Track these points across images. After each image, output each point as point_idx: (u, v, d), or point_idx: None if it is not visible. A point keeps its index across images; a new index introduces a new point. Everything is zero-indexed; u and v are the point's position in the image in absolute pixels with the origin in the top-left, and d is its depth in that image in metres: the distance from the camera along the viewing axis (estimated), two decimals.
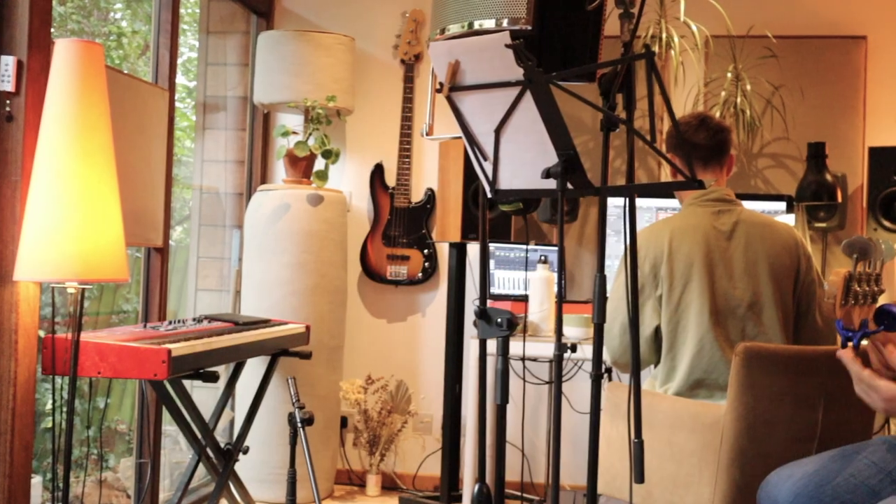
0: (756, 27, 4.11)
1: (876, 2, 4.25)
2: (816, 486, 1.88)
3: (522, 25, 1.84)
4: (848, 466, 1.90)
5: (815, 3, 4.27)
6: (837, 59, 4.24)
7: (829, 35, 4.23)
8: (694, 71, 4.15)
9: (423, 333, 4.45)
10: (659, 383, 2.73)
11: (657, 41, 3.94)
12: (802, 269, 2.72)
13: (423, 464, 4.39)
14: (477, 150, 1.91)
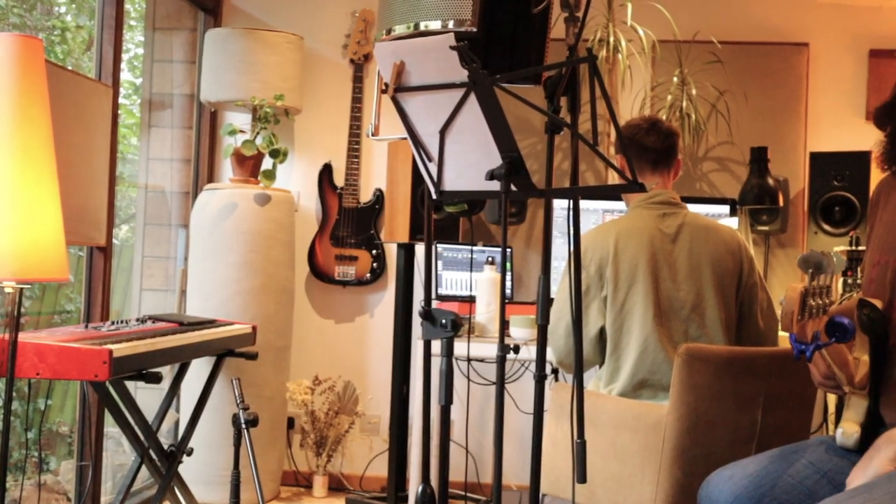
0: (701, 32, 4.17)
1: (818, 10, 4.34)
2: (756, 487, 1.90)
3: (468, 27, 1.84)
4: (786, 467, 1.93)
5: (759, 10, 4.35)
6: (780, 65, 4.32)
7: (772, 42, 4.31)
8: (641, 75, 4.20)
9: (371, 334, 4.44)
10: (603, 384, 2.75)
11: (605, 45, 3.98)
12: (745, 271, 2.76)
13: (370, 465, 4.38)
14: (422, 150, 1.92)
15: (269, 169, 3.98)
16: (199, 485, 3.70)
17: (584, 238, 2.78)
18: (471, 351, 3.23)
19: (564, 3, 1.92)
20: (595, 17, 4.06)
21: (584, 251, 2.73)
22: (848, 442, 1.93)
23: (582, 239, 2.77)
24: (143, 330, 2.78)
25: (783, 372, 2.59)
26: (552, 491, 2.80)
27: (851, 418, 1.94)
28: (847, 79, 4.31)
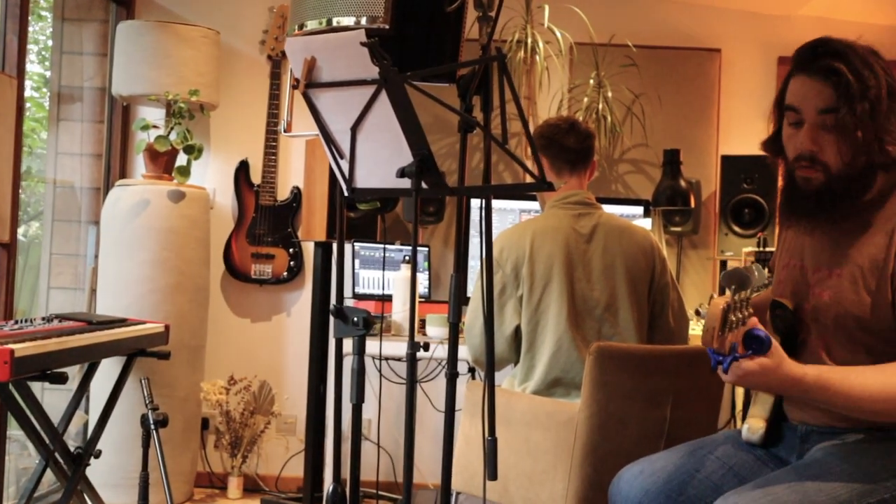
0: (617, 36, 4.24)
1: (730, 17, 4.44)
2: (665, 482, 1.93)
3: (380, 24, 1.84)
4: (695, 462, 1.96)
5: (673, 15, 4.43)
6: (693, 70, 4.41)
7: (686, 47, 4.40)
8: (558, 76, 4.25)
9: (288, 333, 4.39)
10: (518, 382, 2.78)
11: (523, 46, 4.01)
12: (657, 272, 2.81)
13: (286, 465, 4.34)
14: (333, 147, 1.90)
15: (184, 165, 3.91)
16: (107, 488, 3.61)
17: (501, 237, 2.80)
18: (387, 349, 3.23)
19: (478, 3, 1.93)
20: (513, 18, 4.09)
21: (500, 251, 2.74)
22: (753, 437, 1.98)
23: (498, 238, 2.80)
24: (49, 329, 2.69)
25: (691, 369, 2.65)
26: (466, 489, 2.82)
27: (757, 414, 2.00)
28: (757, 84, 4.42)
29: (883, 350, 1.78)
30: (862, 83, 1.74)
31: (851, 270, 1.81)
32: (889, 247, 1.76)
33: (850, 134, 1.75)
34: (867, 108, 1.73)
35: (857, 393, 1.65)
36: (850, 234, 1.84)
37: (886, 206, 1.81)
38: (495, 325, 2.73)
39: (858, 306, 1.79)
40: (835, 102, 1.76)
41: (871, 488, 1.68)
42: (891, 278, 1.75)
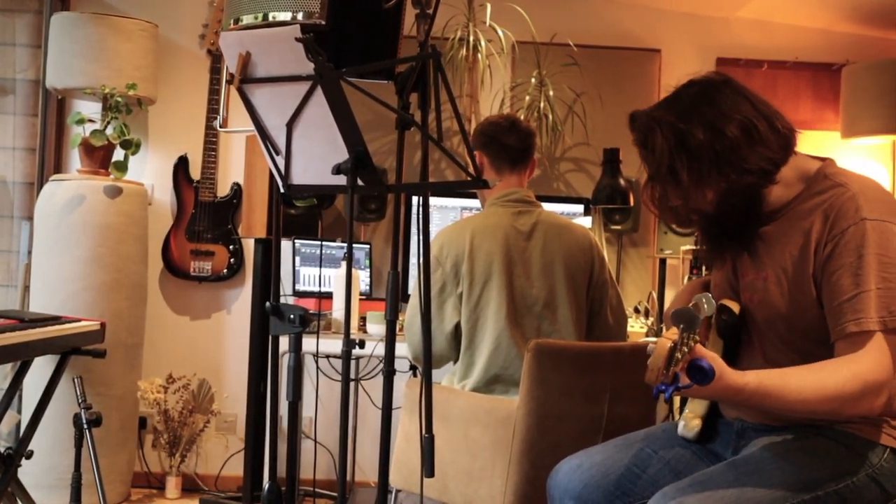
0: (559, 35, 4.26)
1: (669, 19, 4.50)
2: (603, 475, 1.95)
3: (316, 20, 1.82)
4: (632, 455, 1.98)
5: (614, 16, 4.48)
6: (634, 69, 4.46)
7: (626, 47, 4.45)
8: (500, 75, 4.26)
9: (228, 331, 4.34)
10: (457, 379, 2.78)
11: (465, 44, 4.02)
12: (596, 269, 2.83)
13: (226, 464, 4.29)
14: (269, 143, 1.88)
15: (121, 160, 3.84)
16: (40, 489, 3.54)
17: (440, 235, 2.80)
18: (328, 347, 3.21)
19: (416, 1, 1.93)
20: (456, 16, 4.10)
21: (439, 248, 2.75)
22: (689, 434, 2.00)
23: (438, 236, 2.80)
24: None
25: (629, 366, 2.68)
26: (406, 486, 2.81)
27: (694, 411, 2.02)
28: None
29: (811, 350, 1.81)
30: (676, 137, 1.79)
31: (775, 272, 1.85)
32: (807, 245, 1.80)
33: (698, 185, 1.80)
34: (688, 159, 1.78)
35: (795, 396, 1.67)
36: (771, 238, 1.88)
37: (800, 206, 1.85)
38: (435, 323, 2.73)
39: (785, 307, 1.83)
40: (666, 171, 1.81)
41: (806, 486, 1.71)
42: (812, 277, 1.79)
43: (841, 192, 1.80)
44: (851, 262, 1.73)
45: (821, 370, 1.70)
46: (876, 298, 1.70)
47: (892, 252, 1.72)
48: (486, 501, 2.57)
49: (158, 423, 4.09)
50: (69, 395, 3.57)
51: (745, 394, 1.65)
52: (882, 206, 1.77)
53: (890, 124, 4.16)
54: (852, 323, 1.71)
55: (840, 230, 1.75)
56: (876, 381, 1.68)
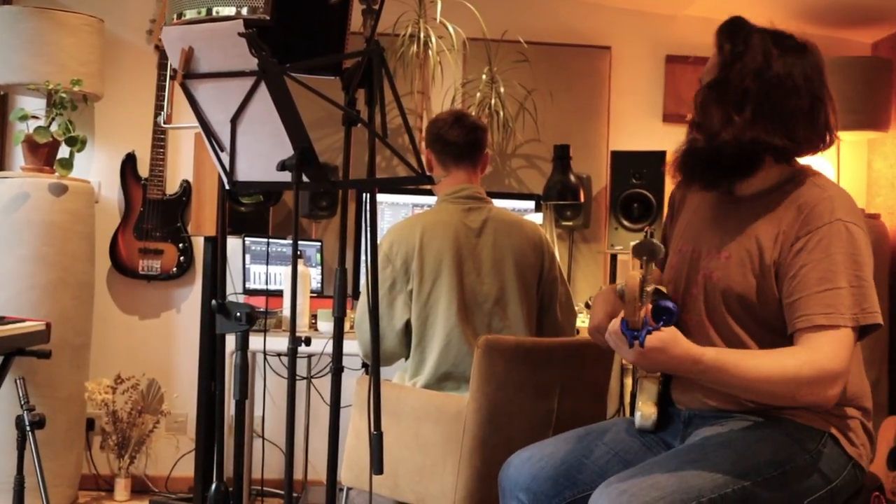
0: (510, 32, 4.28)
1: (619, 16, 4.53)
2: (553, 467, 1.96)
3: (260, 15, 1.81)
4: (583, 448, 2.00)
5: (564, 13, 4.50)
6: (584, 67, 4.49)
7: (577, 44, 4.47)
8: (452, 71, 4.26)
9: (178, 330, 4.29)
10: (408, 376, 2.78)
11: (416, 40, 4.01)
12: (546, 266, 2.85)
13: (176, 465, 4.24)
14: (213, 140, 1.86)
15: (66, 157, 3.77)
16: None
17: (390, 232, 2.80)
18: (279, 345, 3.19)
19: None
20: (407, 12, 4.09)
21: (389, 245, 2.74)
22: (647, 424, 2.02)
23: (388, 233, 2.79)
24: None
25: (579, 361, 2.70)
26: (357, 484, 2.80)
27: (647, 400, 2.04)
28: (646, 82, 4.53)
29: (763, 337, 1.85)
30: (745, 63, 1.86)
31: (741, 253, 1.89)
32: (777, 237, 1.85)
33: (731, 106, 1.85)
34: (754, 87, 1.84)
35: (753, 375, 1.71)
36: (743, 220, 1.92)
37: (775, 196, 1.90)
38: (386, 320, 2.72)
39: (744, 287, 1.87)
40: (718, 74, 1.87)
41: (747, 472, 1.75)
42: (774, 267, 1.83)
43: (819, 192, 1.86)
44: (823, 258, 1.78)
45: (779, 353, 1.75)
46: (849, 296, 1.76)
47: (863, 254, 1.80)
48: (438, 498, 2.57)
49: (107, 424, 4.02)
50: (13, 396, 3.51)
51: (702, 364, 1.68)
52: (852, 211, 1.84)
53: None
54: (822, 316, 1.75)
55: (814, 227, 1.81)
56: (832, 371, 1.72)
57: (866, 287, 1.78)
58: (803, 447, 1.80)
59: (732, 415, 1.89)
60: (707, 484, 1.71)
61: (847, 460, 1.84)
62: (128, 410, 4.04)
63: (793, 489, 1.77)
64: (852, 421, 1.87)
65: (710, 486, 1.71)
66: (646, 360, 1.66)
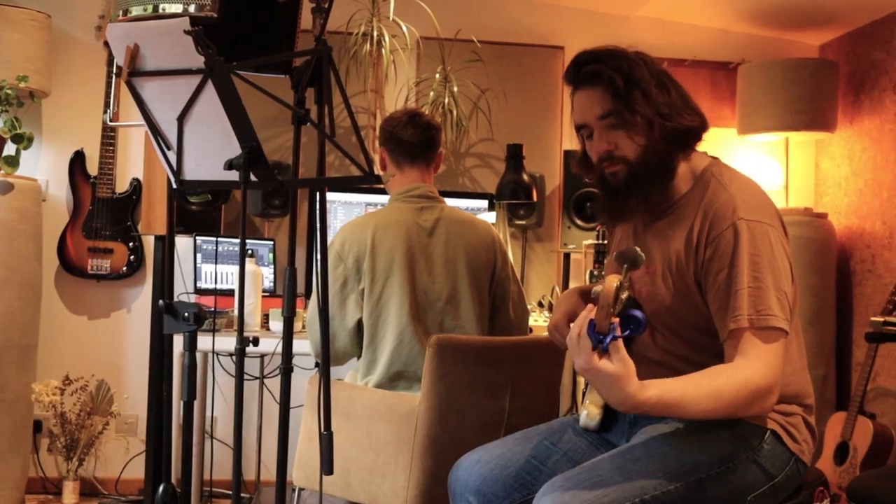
0: (463, 31, 4.28)
1: (572, 16, 4.56)
2: (502, 468, 1.97)
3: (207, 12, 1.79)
4: (531, 449, 2.01)
5: (518, 12, 4.52)
6: (538, 66, 4.51)
7: (530, 43, 4.49)
8: (405, 70, 4.26)
9: (128, 330, 4.24)
10: (360, 376, 2.77)
11: (369, 39, 4.00)
12: (498, 265, 2.85)
13: (126, 466, 4.19)
14: (160, 138, 1.84)
15: (12, 155, 3.70)
16: None
17: (342, 231, 2.79)
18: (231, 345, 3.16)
19: None
20: (360, 10, 4.08)
21: (341, 244, 2.73)
22: (591, 423, 2.04)
23: (340, 232, 2.79)
24: None
25: (530, 360, 2.71)
26: (308, 484, 2.79)
27: (594, 402, 2.06)
28: None
29: (700, 340, 1.88)
30: (624, 74, 1.86)
31: (662, 268, 1.91)
32: (689, 242, 1.86)
33: (634, 123, 1.86)
34: (638, 94, 1.85)
35: (695, 407, 1.71)
36: (661, 233, 1.94)
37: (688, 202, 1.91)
38: (338, 320, 2.72)
39: (672, 301, 1.88)
40: (610, 104, 1.87)
41: (691, 469, 1.77)
42: (694, 275, 1.85)
43: (721, 192, 1.86)
44: (728, 263, 1.79)
45: (717, 378, 1.74)
46: (747, 297, 1.76)
47: (764, 253, 1.79)
48: (389, 497, 2.57)
49: (54, 426, 3.96)
50: None
51: (645, 408, 1.68)
52: (758, 207, 1.84)
53: (783, 121, 4.30)
54: (732, 321, 1.77)
55: (718, 231, 1.82)
56: (767, 385, 1.74)
57: (764, 289, 1.76)
58: (746, 444, 1.83)
59: None
60: (651, 482, 1.73)
61: (790, 456, 1.87)
62: (76, 412, 3.98)
63: (736, 485, 1.80)
64: (794, 418, 1.90)
65: (654, 483, 1.73)
66: (594, 377, 1.65)
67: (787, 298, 1.79)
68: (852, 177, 4.51)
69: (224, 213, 4.01)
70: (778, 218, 1.87)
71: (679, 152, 1.90)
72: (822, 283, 4.24)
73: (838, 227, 4.51)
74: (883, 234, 4.24)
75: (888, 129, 4.25)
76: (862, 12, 4.33)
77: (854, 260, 4.45)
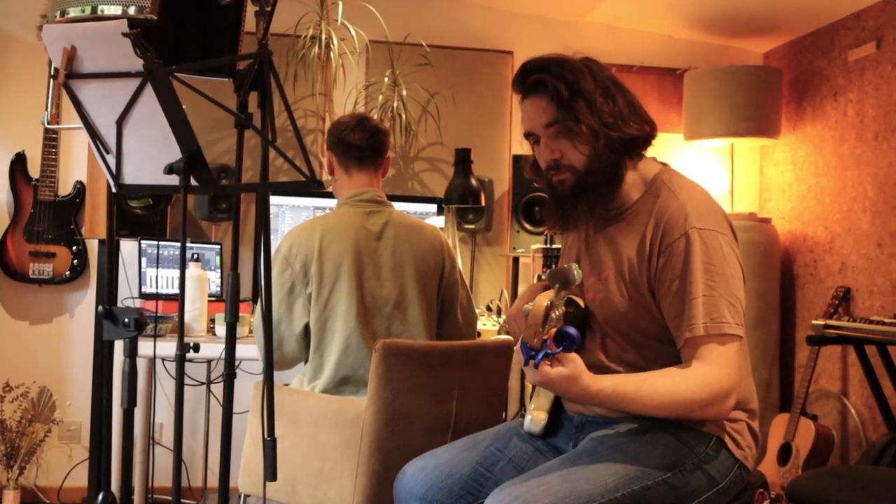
0: (412, 35, 4.28)
1: (521, 21, 4.59)
2: (447, 475, 1.97)
3: (147, 14, 1.77)
4: (476, 454, 2.01)
5: (467, 17, 4.53)
6: (487, 71, 4.53)
7: (479, 48, 4.51)
8: (354, 74, 4.24)
9: (71, 335, 4.16)
10: (307, 381, 2.75)
11: (318, 42, 3.98)
12: (446, 270, 2.86)
13: (69, 474, 4.11)
14: (99, 142, 1.81)
15: None
16: None
17: (290, 235, 2.77)
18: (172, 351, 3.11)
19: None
20: (308, 13, 4.06)
21: (289, 248, 2.71)
22: (535, 429, 2.04)
23: (287, 236, 2.77)
24: None
25: (477, 364, 2.71)
26: (254, 491, 2.77)
27: (540, 406, 2.07)
28: None
29: (652, 346, 1.89)
30: (568, 84, 1.87)
31: (615, 274, 1.92)
32: (642, 249, 1.88)
33: (579, 132, 1.87)
34: (582, 103, 1.87)
35: (649, 401, 1.75)
36: (612, 239, 1.95)
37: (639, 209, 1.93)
38: (285, 324, 2.70)
39: (624, 307, 1.90)
40: (554, 112, 1.89)
41: (637, 476, 1.78)
42: (647, 282, 1.87)
43: (672, 200, 1.88)
44: (681, 272, 1.81)
45: (673, 377, 1.77)
46: (702, 305, 1.78)
47: (717, 260, 1.81)
48: (336, 502, 2.55)
49: None
50: None
51: (600, 397, 1.71)
52: (708, 215, 1.86)
53: (729, 127, 4.36)
54: (687, 329, 1.79)
55: (671, 240, 1.83)
56: (723, 389, 1.76)
57: (717, 297, 1.79)
58: (692, 450, 1.85)
59: (623, 420, 1.91)
60: (597, 489, 1.74)
61: (734, 462, 1.89)
62: (17, 419, 3.90)
63: (681, 492, 1.81)
64: (738, 424, 1.92)
65: (601, 490, 1.74)
66: (547, 386, 1.68)
67: (740, 304, 1.82)
68: (795, 182, 4.59)
69: (170, 216, 3.96)
70: (728, 224, 1.89)
71: (626, 160, 1.92)
72: (766, 287, 4.31)
73: (782, 231, 4.58)
74: (825, 239, 4.33)
75: (829, 136, 4.34)
76: (805, 21, 4.41)
77: (797, 264, 4.53)
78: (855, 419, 4.07)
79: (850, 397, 4.13)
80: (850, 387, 4.14)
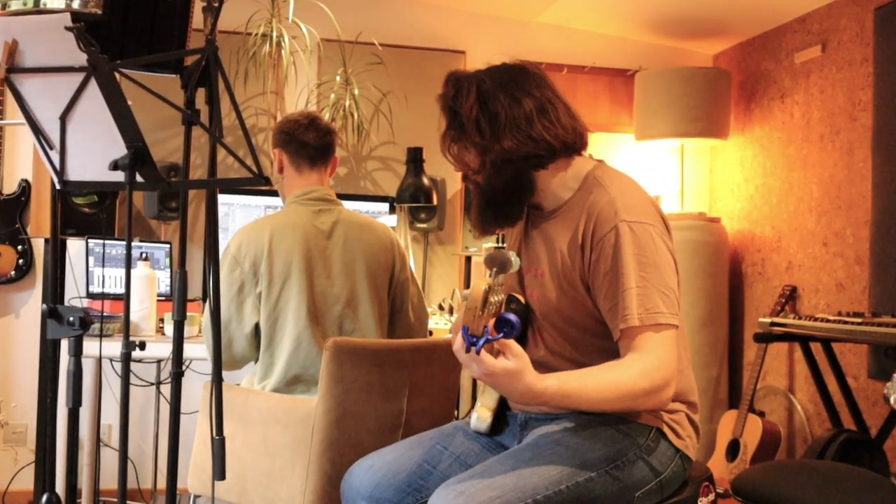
0: (364, 34, 4.28)
1: (474, 21, 4.60)
2: (394, 474, 1.97)
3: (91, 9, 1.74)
4: (423, 453, 2.02)
5: (419, 17, 4.53)
6: (440, 70, 4.45)
7: (432, 47, 4.52)
8: (306, 72, 4.23)
9: (17, 336, 4.09)
10: (257, 380, 2.74)
11: (269, 40, 3.96)
12: (397, 268, 2.86)
13: (15, 478, 4.04)
14: (42, 137, 1.79)
15: None
16: None
17: (239, 234, 2.75)
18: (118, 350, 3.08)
19: None
20: (259, 11, 4.03)
21: (238, 247, 2.69)
22: (481, 426, 2.06)
23: (237, 235, 2.75)
24: None
25: (427, 362, 2.72)
26: (204, 491, 2.74)
27: (486, 404, 2.08)
28: None
29: (588, 341, 1.92)
30: (455, 105, 1.93)
31: (550, 270, 1.94)
32: (574, 244, 1.90)
33: (471, 150, 1.92)
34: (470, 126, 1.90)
35: (594, 397, 1.75)
36: (547, 236, 1.98)
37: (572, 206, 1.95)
38: (235, 324, 2.68)
39: (559, 302, 1.92)
40: (453, 131, 1.94)
41: (580, 469, 1.80)
42: (581, 278, 1.89)
43: (603, 195, 1.90)
44: (613, 265, 1.83)
45: (613, 370, 1.78)
46: (636, 297, 1.80)
47: (648, 252, 1.83)
48: (286, 502, 2.54)
49: None
50: None
51: (545, 397, 1.71)
52: (638, 207, 1.88)
53: (679, 128, 4.42)
54: (622, 321, 1.81)
55: (602, 234, 1.85)
56: (663, 378, 1.78)
57: (649, 287, 1.81)
58: (633, 442, 1.87)
59: (565, 416, 1.94)
60: (542, 482, 1.75)
61: (675, 452, 1.92)
62: None
63: (624, 483, 1.84)
64: (678, 415, 1.95)
65: (545, 483, 1.75)
66: (491, 382, 1.67)
67: (674, 294, 1.83)
68: (744, 182, 4.66)
69: (118, 215, 3.90)
70: (659, 215, 1.91)
71: (530, 172, 1.94)
72: (715, 285, 4.37)
73: (731, 231, 4.65)
74: (772, 238, 4.40)
75: (776, 137, 4.41)
76: (753, 23, 4.48)
77: (745, 263, 4.61)
78: (801, 415, 4.15)
79: (797, 394, 4.21)
80: (797, 383, 4.21)
